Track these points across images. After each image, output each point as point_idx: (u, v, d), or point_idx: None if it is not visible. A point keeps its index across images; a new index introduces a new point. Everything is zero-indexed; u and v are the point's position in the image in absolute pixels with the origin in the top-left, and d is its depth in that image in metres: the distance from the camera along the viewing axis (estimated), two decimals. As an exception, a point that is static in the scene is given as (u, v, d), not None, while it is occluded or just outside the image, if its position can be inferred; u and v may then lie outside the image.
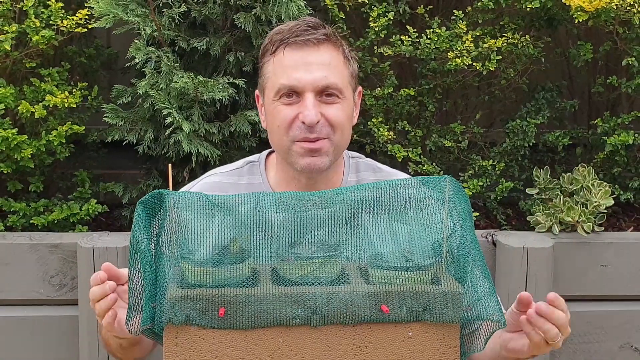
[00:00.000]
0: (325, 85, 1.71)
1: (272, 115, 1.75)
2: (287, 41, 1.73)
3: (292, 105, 1.72)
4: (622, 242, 2.68)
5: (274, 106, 1.74)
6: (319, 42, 1.73)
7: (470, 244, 1.44)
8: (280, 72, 1.73)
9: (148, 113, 2.73)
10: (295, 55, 1.72)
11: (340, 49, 1.77)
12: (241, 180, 1.86)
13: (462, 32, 2.80)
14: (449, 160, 3.03)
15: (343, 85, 1.74)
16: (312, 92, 1.70)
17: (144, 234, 1.41)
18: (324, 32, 1.75)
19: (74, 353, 2.55)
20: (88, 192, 2.91)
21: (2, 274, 2.53)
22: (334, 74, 1.72)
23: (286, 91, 1.72)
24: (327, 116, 1.71)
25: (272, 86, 1.74)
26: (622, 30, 2.83)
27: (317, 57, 1.72)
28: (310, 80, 1.70)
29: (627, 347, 2.72)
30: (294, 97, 1.72)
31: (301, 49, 1.73)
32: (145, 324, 1.38)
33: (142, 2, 2.65)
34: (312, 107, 1.69)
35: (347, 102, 1.75)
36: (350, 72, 1.78)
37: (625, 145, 2.89)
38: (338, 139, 1.74)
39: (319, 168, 1.73)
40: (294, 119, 1.71)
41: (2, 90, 2.66)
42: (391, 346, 1.36)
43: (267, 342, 1.35)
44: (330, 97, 1.72)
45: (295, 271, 1.37)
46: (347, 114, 1.75)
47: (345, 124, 1.75)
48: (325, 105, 1.71)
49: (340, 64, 1.75)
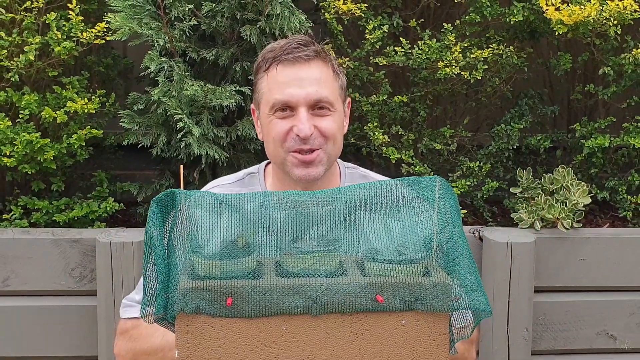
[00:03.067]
0: (317, 99, 1.70)
1: (267, 129, 1.75)
2: (280, 58, 1.73)
3: (287, 118, 1.71)
4: (599, 237, 2.68)
5: (269, 120, 1.73)
6: (310, 59, 1.73)
7: (458, 239, 1.44)
8: (274, 87, 1.72)
9: (161, 118, 2.73)
10: (288, 72, 1.72)
11: (329, 64, 1.76)
12: (242, 190, 1.85)
13: (451, 43, 2.80)
14: (439, 161, 3.03)
15: (333, 98, 1.74)
16: (305, 106, 1.70)
17: (158, 230, 1.41)
18: (313, 49, 1.74)
19: (92, 339, 2.55)
20: (106, 191, 2.91)
21: (26, 266, 2.53)
22: (325, 88, 1.72)
23: (280, 106, 1.71)
24: (320, 128, 1.71)
25: (267, 101, 1.74)
26: (598, 41, 2.83)
27: (308, 73, 1.72)
28: (303, 95, 1.70)
29: (603, 334, 2.72)
30: (288, 111, 1.71)
31: (293, 66, 1.72)
32: (159, 313, 1.38)
33: (156, 16, 2.65)
34: (306, 120, 1.69)
35: (338, 113, 1.75)
36: (340, 85, 1.78)
37: (602, 148, 2.89)
38: (331, 148, 1.74)
39: (314, 177, 1.73)
40: (289, 131, 1.71)
41: (27, 97, 2.67)
42: (385, 333, 1.36)
43: (271, 330, 1.35)
44: (322, 110, 1.72)
45: (297, 264, 1.38)
46: (338, 125, 1.75)
47: (337, 134, 1.75)
48: (317, 117, 1.71)
49: (330, 78, 1.75)
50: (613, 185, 2.98)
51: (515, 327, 2.58)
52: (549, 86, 3.22)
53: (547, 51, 3.13)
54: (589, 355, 2.73)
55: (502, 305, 2.56)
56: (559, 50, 3.01)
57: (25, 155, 2.66)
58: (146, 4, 2.63)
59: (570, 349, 2.72)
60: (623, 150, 3.01)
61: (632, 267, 2.68)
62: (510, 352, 2.59)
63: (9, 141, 2.64)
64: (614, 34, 2.67)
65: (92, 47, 2.81)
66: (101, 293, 2.48)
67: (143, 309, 1.39)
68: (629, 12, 2.60)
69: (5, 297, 2.55)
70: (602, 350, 2.73)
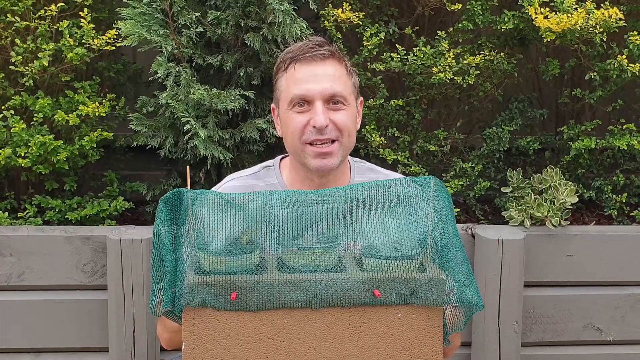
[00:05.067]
0: (332, 94, 1.71)
1: (286, 123, 1.76)
2: (297, 58, 1.74)
3: (304, 112, 1.72)
4: (585, 235, 2.68)
5: (288, 115, 1.74)
6: (325, 58, 1.74)
7: (452, 236, 1.44)
8: (292, 84, 1.73)
9: (169, 121, 2.72)
10: (305, 69, 1.73)
11: (343, 64, 1.77)
12: (259, 182, 1.85)
13: (444, 50, 2.79)
14: (434, 162, 3.03)
15: (347, 93, 1.74)
16: (321, 100, 1.71)
17: (166, 227, 1.41)
18: (328, 49, 1.76)
19: (103, 331, 2.55)
20: (116, 191, 2.91)
21: (41, 262, 2.53)
22: (339, 84, 1.73)
23: (298, 100, 1.72)
24: (335, 121, 1.72)
25: (286, 97, 1.75)
26: (585, 48, 2.82)
27: (324, 70, 1.73)
28: (319, 89, 1.71)
29: (589, 327, 2.72)
30: (305, 105, 1.72)
31: (309, 64, 1.73)
32: (167, 306, 1.38)
33: (164, 24, 2.65)
34: (322, 113, 1.70)
35: (351, 108, 1.76)
36: (353, 83, 1.79)
37: (588, 150, 2.89)
38: (345, 140, 1.74)
39: (330, 168, 1.73)
40: (306, 124, 1.71)
41: (41, 101, 2.66)
42: (382, 326, 1.36)
43: (273, 323, 1.35)
44: (336, 104, 1.72)
45: (298, 260, 1.38)
46: (351, 119, 1.76)
47: (350, 127, 1.75)
48: (332, 111, 1.72)
49: (344, 76, 1.76)
50: (599, 185, 2.98)
51: (506, 320, 2.58)
52: (538, 90, 3.22)
53: (536, 57, 3.13)
54: (576, 346, 2.73)
55: (493, 299, 2.55)
56: (547, 57, 3.01)
57: (40, 156, 2.66)
58: (155, 12, 2.63)
59: (558, 340, 2.72)
60: (608, 152, 3.01)
61: (616, 262, 2.68)
62: (501, 343, 2.59)
63: (24, 143, 2.64)
64: (599, 41, 2.67)
65: (103, 54, 2.80)
66: (111, 287, 2.47)
67: (152, 303, 1.39)
68: (614, 20, 2.60)
69: (21, 292, 2.55)
70: (589, 342, 2.73)
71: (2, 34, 2.63)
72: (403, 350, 1.37)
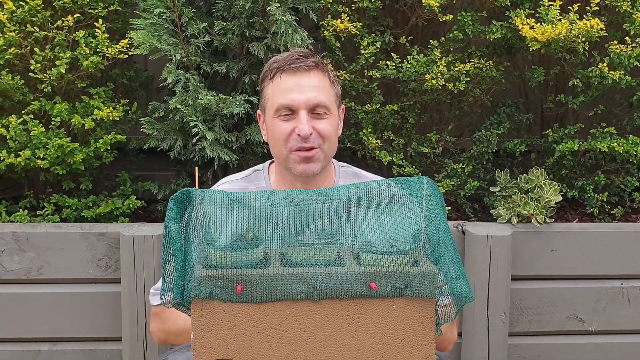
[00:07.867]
0: (315, 104, 1.71)
1: (272, 130, 1.75)
2: (283, 68, 1.73)
3: (289, 121, 1.72)
4: (569, 232, 2.68)
5: (274, 122, 1.74)
6: (309, 68, 1.73)
7: (444, 232, 1.43)
8: (278, 94, 1.73)
9: (178, 125, 2.73)
10: (290, 80, 1.72)
11: (326, 74, 1.77)
12: (250, 185, 1.86)
13: (436, 58, 2.79)
14: (426, 163, 3.03)
15: (330, 103, 1.74)
16: (305, 109, 1.71)
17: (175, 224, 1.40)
18: (313, 60, 1.75)
19: (117, 323, 2.55)
20: (129, 190, 2.91)
21: (58, 257, 2.53)
22: (323, 94, 1.73)
23: (283, 109, 1.72)
24: (318, 129, 1.72)
25: (272, 105, 1.74)
26: (568, 57, 2.83)
27: (308, 81, 1.72)
28: (304, 99, 1.70)
29: (572, 318, 2.72)
30: (290, 114, 1.72)
31: (295, 74, 1.72)
32: (176, 298, 1.38)
33: (173, 34, 2.65)
34: (306, 122, 1.70)
35: (334, 117, 1.76)
36: (335, 92, 1.79)
37: (572, 152, 2.89)
38: (327, 147, 1.74)
39: (313, 172, 1.74)
40: (291, 132, 1.71)
41: (58, 106, 2.67)
42: (378, 317, 1.36)
43: (277, 314, 1.34)
44: (319, 114, 1.72)
45: (299, 255, 1.37)
46: (333, 127, 1.76)
47: (332, 135, 1.75)
48: (316, 120, 1.72)
49: (327, 86, 1.75)
50: (581, 185, 2.98)
51: (494, 312, 2.58)
52: (524, 96, 3.22)
53: (523, 65, 3.13)
54: (560, 336, 2.74)
55: (482, 291, 2.56)
56: (533, 64, 3.01)
57: (57, 157, 2.66)
58: (165, 23, 2.63)
59: (544, 330, 2.72)
60: (590, 154, 3.01)
61: (598, 257, 2.68)
62: (490, 333, 2.60)
63: (43, 145, 2.64)
64: (582, 50, 2.68)
65: (116, 61, 2.81)
66: (125, 281, 2.48)
67: (162, 296, 1.39)
68: (596, 30, 2.60)
69: (40, 285, 2.56)
70: (572, 332, 2.73)
71: (22, 43, 2.63)
72: (398, 340, 1.37)
